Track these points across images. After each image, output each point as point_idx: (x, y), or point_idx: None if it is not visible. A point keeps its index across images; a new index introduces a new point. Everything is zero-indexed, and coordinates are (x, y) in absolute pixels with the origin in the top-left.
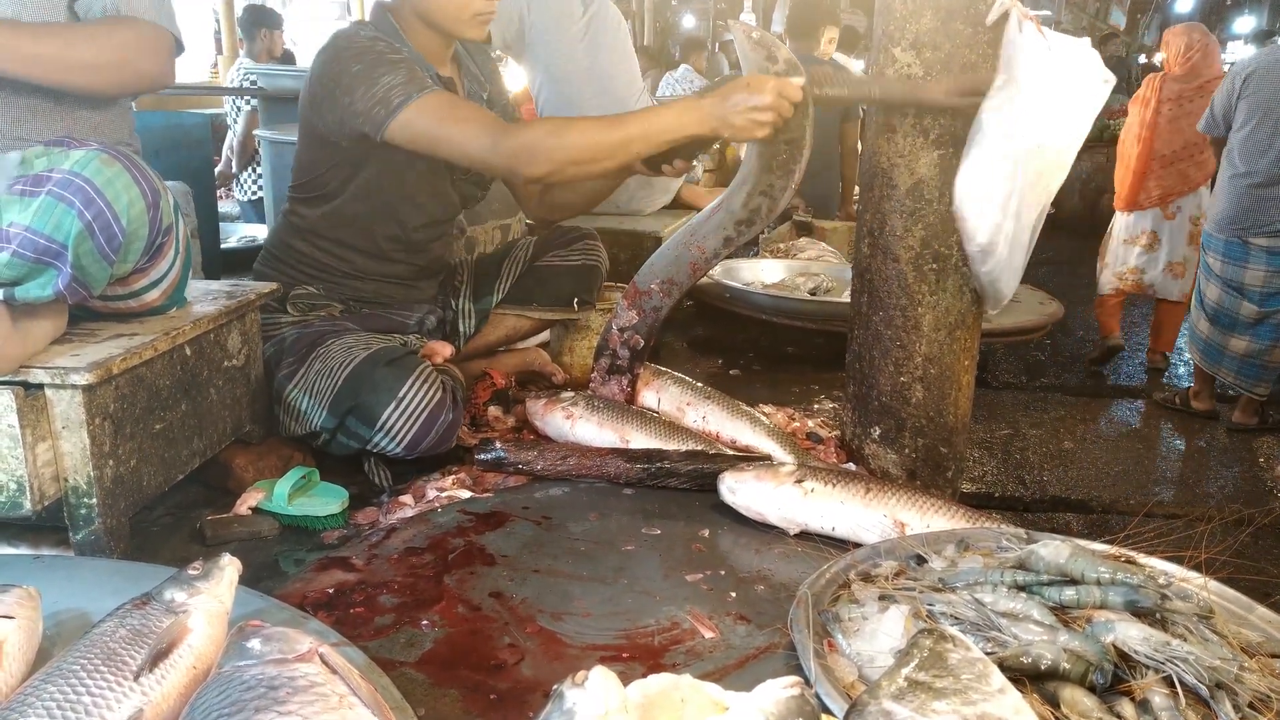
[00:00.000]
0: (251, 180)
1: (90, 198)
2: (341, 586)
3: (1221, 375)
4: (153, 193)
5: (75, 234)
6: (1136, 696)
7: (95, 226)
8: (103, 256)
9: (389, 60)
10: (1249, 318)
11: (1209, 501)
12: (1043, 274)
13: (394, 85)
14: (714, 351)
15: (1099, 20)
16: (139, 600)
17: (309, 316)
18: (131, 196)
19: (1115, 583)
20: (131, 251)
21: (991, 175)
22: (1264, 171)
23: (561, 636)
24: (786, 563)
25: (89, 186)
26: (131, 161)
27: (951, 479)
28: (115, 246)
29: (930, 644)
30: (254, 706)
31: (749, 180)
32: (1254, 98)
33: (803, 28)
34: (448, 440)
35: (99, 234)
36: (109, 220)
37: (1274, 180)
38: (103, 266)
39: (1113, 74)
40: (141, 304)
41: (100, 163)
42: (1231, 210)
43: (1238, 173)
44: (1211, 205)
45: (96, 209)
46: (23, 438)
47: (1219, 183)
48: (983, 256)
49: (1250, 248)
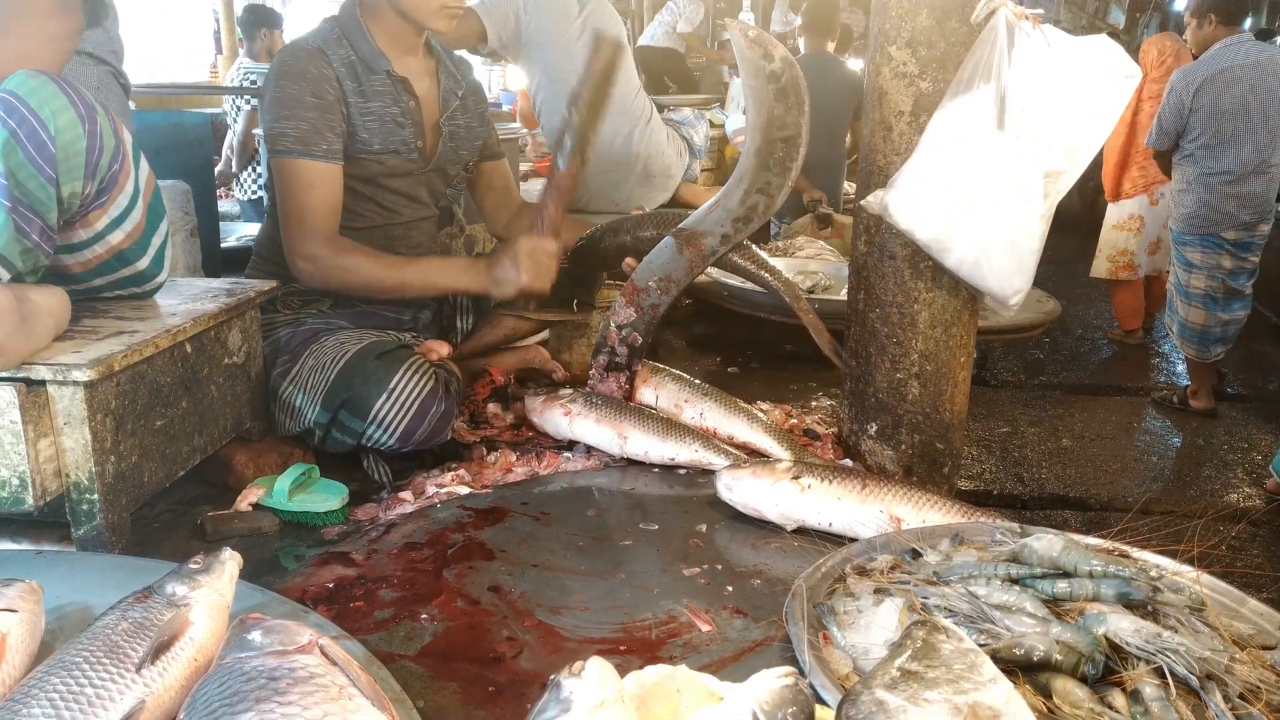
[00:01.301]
0: (251, 179)
1: (13, 106)
2: (341, 581)
3: (1212, 358)
4: (86, 106)
5: (2, 144)
6: (1128, 687)
7: (21, 134)
8: (38, 170)
9: (302, 103)
10: (1223, 295)
11: (1204, 498)
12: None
13: (285, 133)
14: (712, 349)
15: (1098, 19)
16: (141, 594)
17: (301, 314)
18: (57, 106)
19: (1107, 576)
20: (72, 169)
21: (937, 173)
22: (1237, 169)
23: (559, 630)
24: (783, 558)
25: (11, 98)
26: (62, 79)
27: (948, 475)
28: (49, 158)
29: (923, 635)
30: (254, 697)
31: (746, 178)
32: (1209, 107)
33: (819, 26)
34: (441, 432)
35: (25, 141)
36: (35, 128)
37: (1245, 176)
38: (41, 184)
39: (1137, 68)
40: (108, 248)
41: (25, 76)
42: (1204, 210)
43: (1209, 171)
44: (1178, 205)
45: (20, 116)
46: (25, 434)
47: (1186, 183)
48: (939, 252)
49: (1223, 240)
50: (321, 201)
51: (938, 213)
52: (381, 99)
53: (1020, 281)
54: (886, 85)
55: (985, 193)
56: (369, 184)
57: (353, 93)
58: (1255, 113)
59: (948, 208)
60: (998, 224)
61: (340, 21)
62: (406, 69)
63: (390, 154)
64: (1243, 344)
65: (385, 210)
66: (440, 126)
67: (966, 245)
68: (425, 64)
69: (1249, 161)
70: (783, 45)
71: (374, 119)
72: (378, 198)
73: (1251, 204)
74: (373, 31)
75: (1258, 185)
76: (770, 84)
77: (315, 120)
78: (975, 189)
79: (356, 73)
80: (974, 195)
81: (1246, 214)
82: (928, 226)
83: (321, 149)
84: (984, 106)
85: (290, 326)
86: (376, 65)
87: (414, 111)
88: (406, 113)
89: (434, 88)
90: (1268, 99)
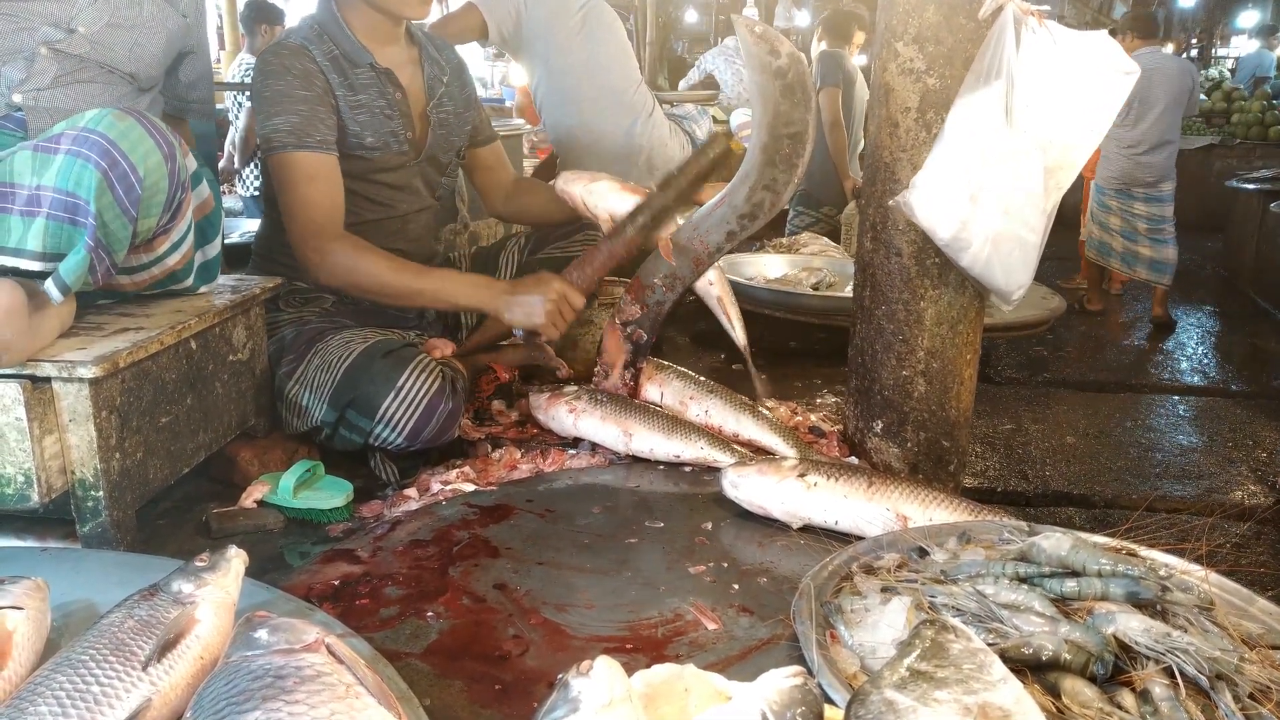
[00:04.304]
0: (254, 175)
1: (106, 149)
2: (347, 578)
3: (1137, 275)
4: (168, 144)
5: (95, 187)
6: (1137, 687)
7: (113, 177)
8: (123, 212)
9: (291, 97)
10: (1144, 231)
11: (1209, 496)
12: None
13: (278, 128)
14: (717, 346)
15: (1102, 14)
16: (147, 591)
17: (304, 312)
18: (147, 148)
19: (1116, 575)
20: (153, 205)
21: (955, 171)
22: (1143, 145)
23: (565, 628)
24: (789, 555)
25: (104, 139)
26: (145, 117)
27: (954, 473)
28: (134, 199)
29: (932, 635)
30: (261, 696)
31: (752, 174)
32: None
33: (838, 29)
34: (448, 430)
35: (117, 185)
36: (126, 171)
37: (1147, 150)
38: (123, 224)
39: (1135, 64)
40: (164, 269)
41: (114, 117)
42: (1118, 172)
43: (1122, 145)
44: (1102, 165)
45: (112, 159)
46: (30, 430)
47: (1106, 151)
48: (956, 251)
49: (1134, 194)
50: (324, 195)
51: (956, 212)
52: (368, 92)
53: (1024, 277)
54: (893, 81)
55: (996, 190)
56: (360, 179)
57: (340, 86)
58: (1155, 102)
59: (964, 206)
60: (1007, 221)
61: (318, 19)
62: (389, 60)
63: (381, 147)
64: (1246, 340)
65: (378, 205)
66: (429, 115)
67: (980, 243)
68: (408, 53)
69: (1154, 138)
70: (789, 41)
71: (364, 112)
72: (369, 193)
73: (1153, 169)
74: (351, 25)
75: (1157, 156)
76: (777, 80)
77: (307, 113)
78: (988, 186)
79: (341, 67)
80: (987, 193)
81: (1150, 176)
82: (948, 225)
83: (316, 139)
84: (995, 103)
85: (294, 325)
86: (359, 59)
87: (401, 103)
88: (394, 104)
89: (419, 76)
90: (1166, 92)
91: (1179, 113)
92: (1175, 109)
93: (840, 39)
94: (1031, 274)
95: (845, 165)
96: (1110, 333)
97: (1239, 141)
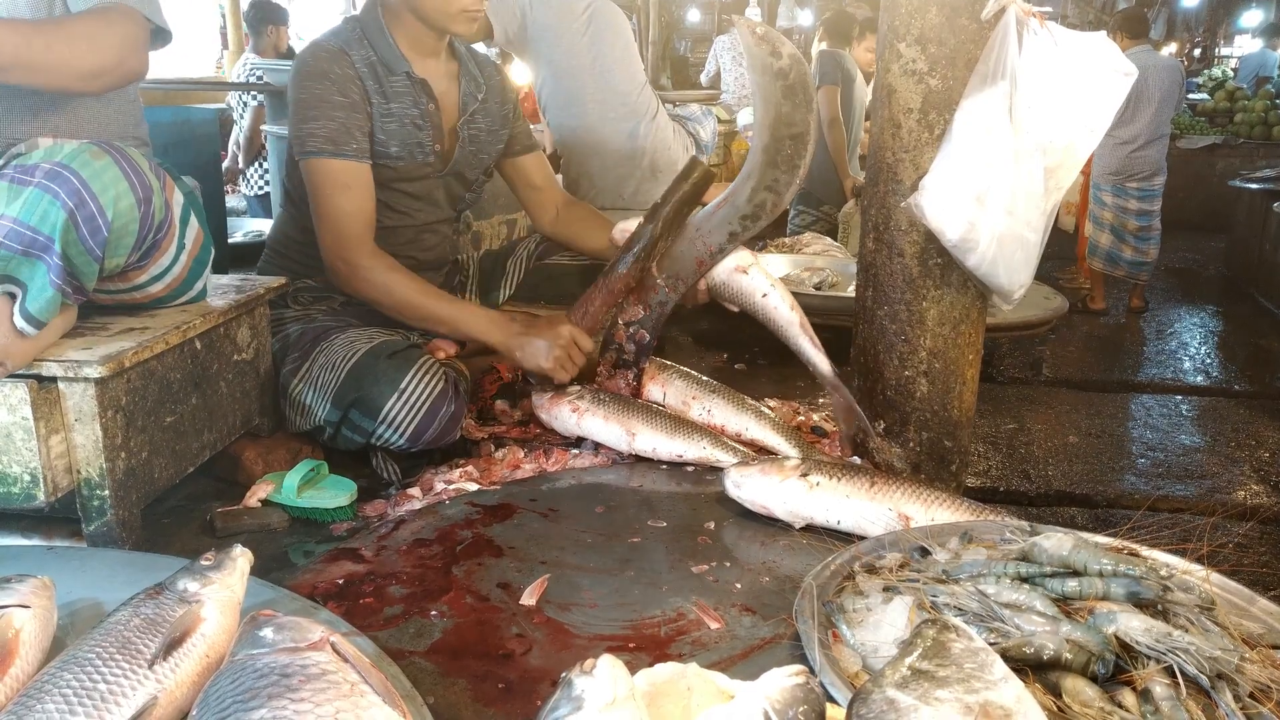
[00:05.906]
0: (258, 175)
1: (75, 189)
2: (351, 577)
3: (1118, 273)
4: (143, 188)
5: (61, 225)
6: (1138, 686)
7: (80, 218)
8: (88, 251)
9: (329, 103)
10: (1133, 231)
11: (1211, 496)
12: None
13: (314, 133)
14: (719, 346)
15: (1105, 14)
16: (152, 590)
17: (311, 310)
18: (119, 190)
19: (1117, 574)
20: (120, 247)
21: (962, 173)
22: (1138, 141)
23: (569, 627)
24: (791, 555)
25: (75, 178)
26: (123, 155)
27: (956, 473)
28: (100, 241)
29: (933, 634)
30: (267, 694)
31: (754, 175)
32: None
33: (839, 31)
34: (450, 432)
35: (83, 226)
36: (94, 213)
37: (1142, 145)
38: (88, 261)
39: (1133, 65)
40: (146, 295)
41: (89, 155)
42: (1114, 166)
43: (1118, 141)
44: (1098, 161)
45: (81, 199)
46: (36, 430)
47: (1102, 148)
48: (963, 252)
49: (1128, 189)
50: (357, 206)
51: (964, 213)
52: (401, 100)
53: (1025, 276)
54: (895, 82)
55: (1001, 191)
56: (382, 186)
57: (374, 93)
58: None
59: (972, 207)
60: (1011, 221)
61: (362, 22)
62: (427, 71)
63: (406, 157)
64: (1249, 340)
65: (396, 212)
66: (459, 130)
67: (986, 244)
68: (447, 67)
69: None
70: (790, 42)
71: (394, 121)
72: (389, 200)
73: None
74: (394, 33)
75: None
76: (778, 81)
77: (344, 119)
78: (993, 187)
79: (377, 73)
80: (992, 194)
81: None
82: (956, 227)
83: (352, 148)
84: (999, 105)
85: (300, 323)
86: (396, 67)
87: (433, 114)
88: (425, 115)
89: (454, 90)
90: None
91: (1170, 110)
92: (1167, 106)
93: (841, 40)
94: (1033, 273)
95: (845, 164)
96: (1113, 332)
97: (1242, 141)
